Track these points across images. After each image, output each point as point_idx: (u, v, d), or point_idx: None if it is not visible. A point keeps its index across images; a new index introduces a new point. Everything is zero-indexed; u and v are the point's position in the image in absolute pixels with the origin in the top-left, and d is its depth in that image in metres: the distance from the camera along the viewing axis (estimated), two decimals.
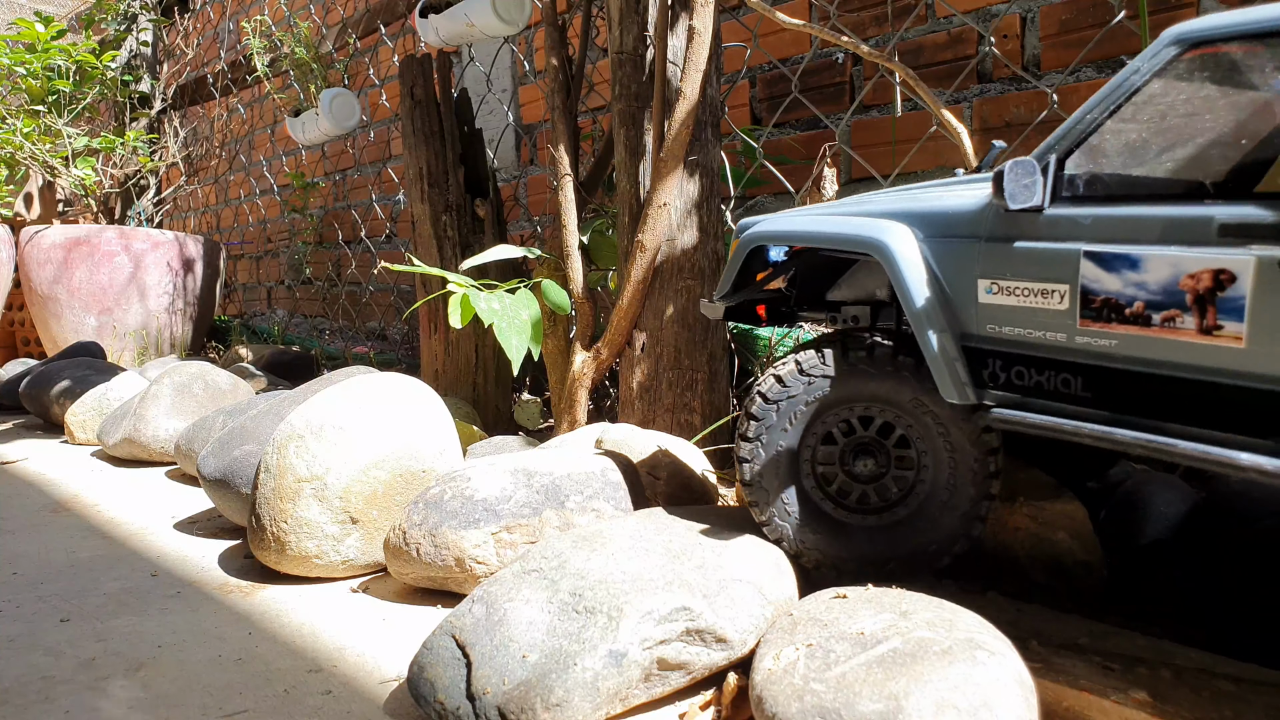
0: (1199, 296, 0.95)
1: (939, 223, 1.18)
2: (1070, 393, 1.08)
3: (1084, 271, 1.03)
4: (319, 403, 1.72)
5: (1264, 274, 0.90)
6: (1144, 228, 1.00)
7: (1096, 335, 1.04)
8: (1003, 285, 1.11)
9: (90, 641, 1.40)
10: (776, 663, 1.07)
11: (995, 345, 1.14)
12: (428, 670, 1.13)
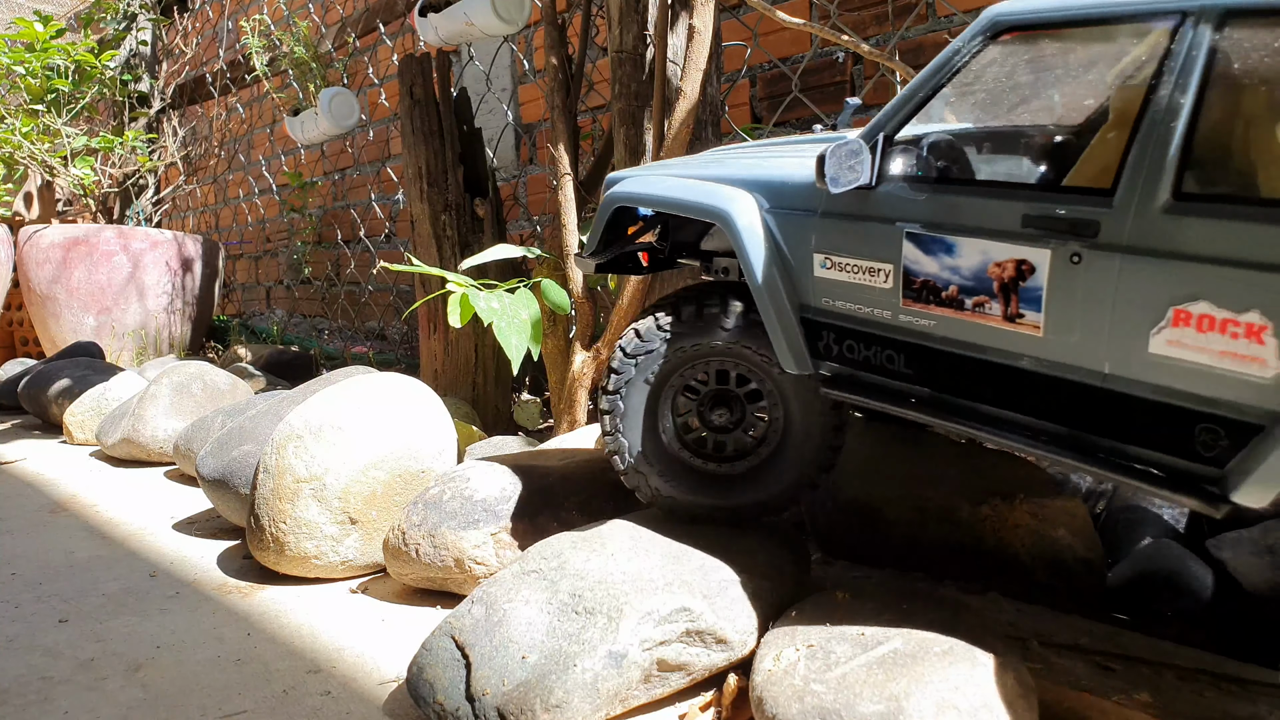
0: (1004, 285, 0.97)
1: (781, 193, 1.19)
2: (894, 369, 1.10)
3: (906, 252, 1.05)
4: (318, 403, 1.72)
5: (1061, 267, 0.92)
6: (959, 212, 1.01)
7: (917, 315, 1.06)
8: (835, 260, 1.13)
9: (89, 642, 1.40)
10: (777, 664, 1.07)
11: (829, 318, 1.16)
12: (427, 671, 1.13)
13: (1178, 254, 0.84)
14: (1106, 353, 0.91)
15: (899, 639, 1.05)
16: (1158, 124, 0.86)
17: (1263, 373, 0.81)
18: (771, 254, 1.18)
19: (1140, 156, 0.87)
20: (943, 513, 1.47)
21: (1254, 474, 0.82)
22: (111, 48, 5.20)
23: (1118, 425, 0.92)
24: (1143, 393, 0.89)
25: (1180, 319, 0.85)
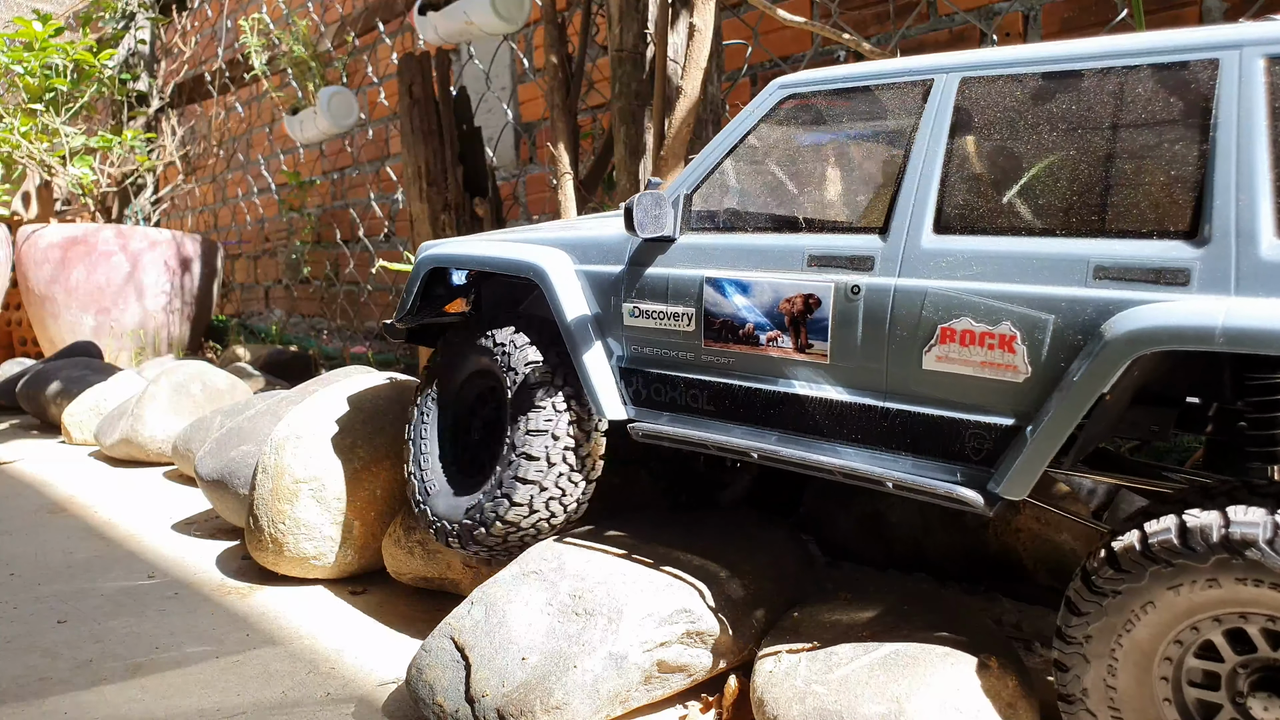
0: (794, 318, 1.08)
1: (591, 250, 1.28)
2: (698, 406, 1.19)
3: (706, 296, 1.15)
4: (316, 403, 1.71)
5: (842, 298, 1.03)
6: (752, 257, 1.12)
7: (718, 354, 1.16)
8: (642, 309, 1.22)
9: (88, 643, 1.39)
10: (778, 664, 1.07)
11: (639, 364, 1.24)
12: (426, 672, 1.12)
13: (941, 279, 0.96)
14: (886, 373, 1.01)
15: (901, 640, 1.05)
16: (918, 169, 1.00)
17: (1015, 377, 0.92)
18: (583, 306, 1.26)
19: (906, 197, 1.00)
20: (946, 517, 1.47)
21: (1015, 468, 0.92)
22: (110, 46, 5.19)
23: (900, 439, 1.01)
24: (919, 406, 1.00)
25: (946, 336, 0.96)
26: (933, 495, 0.98)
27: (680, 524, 1.41)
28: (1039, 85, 0.95)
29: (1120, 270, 0.87)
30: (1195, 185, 0.85)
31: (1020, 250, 0.92)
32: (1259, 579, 0.78)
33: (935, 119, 1.00)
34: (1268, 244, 0.81)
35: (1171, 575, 0.82)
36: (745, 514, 1.55)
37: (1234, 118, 0.84)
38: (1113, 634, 0.87)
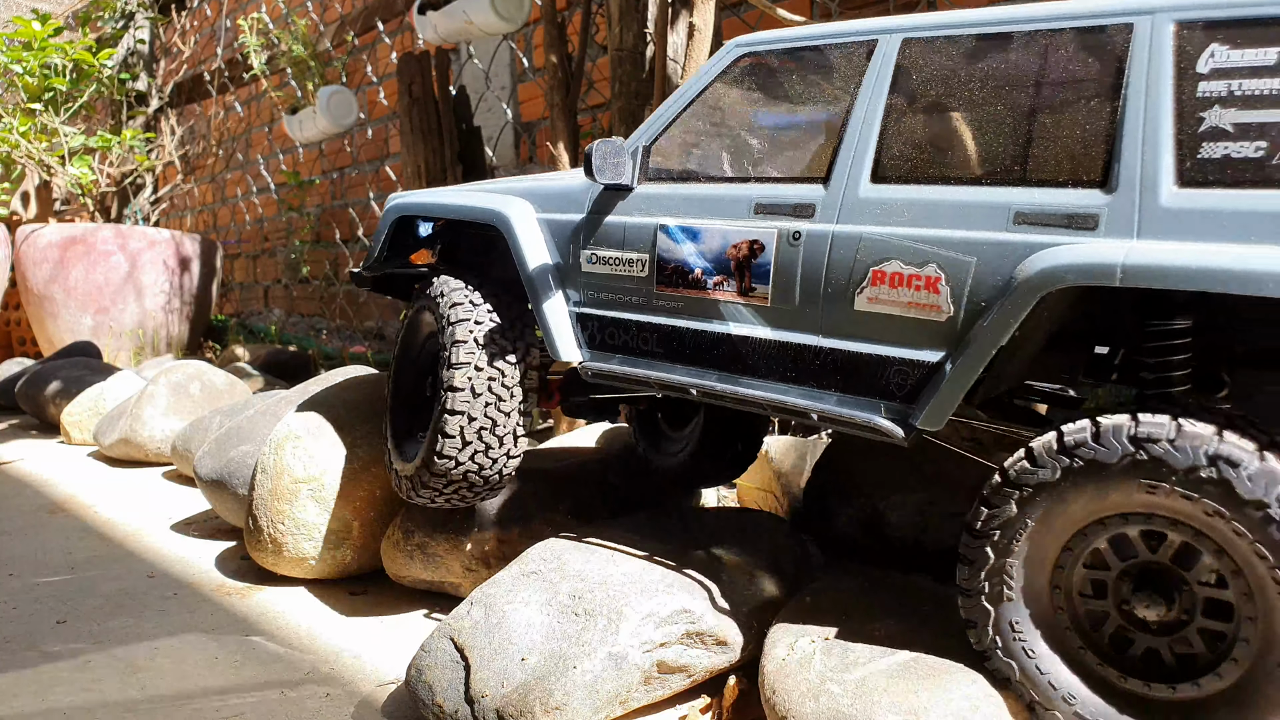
0: (739, 263, 1.14)
1: (553, 198, 1.33)
2: (648, 349, 1.24)
3: (659, 243, 1.21)
4: (316, 403, 1.71)
5: (784, 243, 1.10)
6: (704, 206, 1.18)
7: (669, 299, 1.21)
8: (600, 255, 1.27)
9: (87, 643, 1.39)
10: (791, 654, 1.05)
11: (595, 308, 1.29)
12: (426, 673, 1.12)
13: (876, 225, 1.03)
14: (821, 314, 1.08)
15: (921, 645, 1.03)
16: (859, 123, 1.07)
17: (939, 317, 0.99)
18: (544, 253, 1.32)
19: (848, 149, 1.08)
20: (946, 517, 1.46)
21: (932, 401, 0.99)
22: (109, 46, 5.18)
23: (831, 377, 1.08)
24: (849, 345, 1.06)
25: (877, 278, 1.03)
26: (853, 425, 1.04)
27: (680, 524, 1.41)
28: (973, 46, 1.02)
29: (1037, 216, 0.94)
30: (1107, 139, 0.92)
31: (948, 198, 1.00)
32: (1156, 482, 0.86)
33: (877, 76, 1.07)
34: (1167, 193, 0.88)
35: (1080, 475, 0.89)
36: (745, 514, 1.55)
37: (1144, 78, 0.90)
38: (1016, 532, 0.94)
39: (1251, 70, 0.86)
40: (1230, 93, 0.87)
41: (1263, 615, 0.84)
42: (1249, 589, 0.85)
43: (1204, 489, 0.84)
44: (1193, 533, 0.87)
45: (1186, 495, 0.85)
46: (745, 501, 1.91)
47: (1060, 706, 0.93)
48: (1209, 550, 0.87)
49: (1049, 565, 0.95)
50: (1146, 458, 0.86)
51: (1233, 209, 0.85)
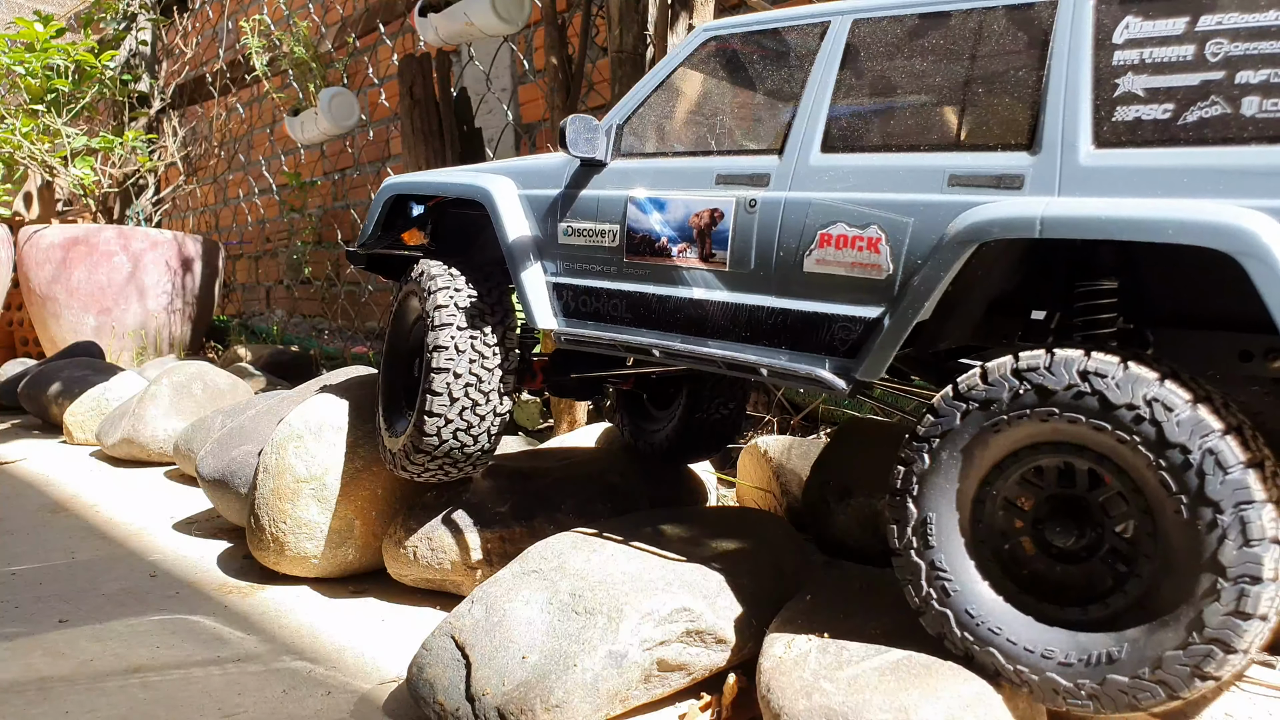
0: (701, 231, 1.21)
1: (534, 175, 1.42)
2: (618, 315, 1.31)
3: (629, 214, 1.29)
4: (318, 403, 1.72)
5: (742, 211, 1.17)
6: (670, 178, 1.26)
7: (637, 267, 1.29)
8: (575, 228, 1.35)
9: (89, 642, 1.39)
10: (788, 651, 1.06)
11: (570, 278, 1.36)
12: (427, 671, 1.13)
13: (824, 191, 1.11)
14: (773, 276, 1.15)
15: (914, 644, 1.04)
16: (812, 97, 1.16)
17: (879, 275, 1.06)
18: (524, 226, 1.40)
19: (800, 122, 1.16)
20: None
21: (871, 354, 1.06)
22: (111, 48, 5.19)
23: (782, 336, 1.15)
24: (800, 305, 1.13)
25: (825, 240, 1.10)
26: (797, 377, 1.12)
27: (680, 523, 1.42)
28: (915, 24, 1.10)
29: (969, 177, 1.02)
30: (1033, 105, 1.00)
31: (890, 164, 1.08)
32: (1082, 415, 0.91)
33: (829, 55, 1.16)
34: (1085, 153, 0.96)
35: (980, 415, 0.96)
36: (745, 513, 1.55)
37: (1066, 48, 0.98)
38: (933, 482, 1.00)
39: (1161, 39, 0.93)
40: (1142, 60, 0.94)
41: (1161, 535, 0.90)
42: (1149, 508, 0.91)
43: (1072, 415, 0.92)
44: (1096, 458, 0.94)
45: (1073, 420, 0.92)
46: (745, 501, 1.92)
47: (992, 640, 0.97)
48: (1112, 472, 0.93)
49: (968, 508, 1.00)
50: (1089, 390, 0.92)
51: (1141, 166, 0.92)
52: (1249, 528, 0.84)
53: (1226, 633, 0.85)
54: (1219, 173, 0.89)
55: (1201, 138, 0.90)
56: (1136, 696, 0.89)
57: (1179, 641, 0.87)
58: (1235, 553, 0.84)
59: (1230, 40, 0.90)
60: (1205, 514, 0.86)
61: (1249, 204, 0.86)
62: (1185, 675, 0.87)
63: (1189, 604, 0.87)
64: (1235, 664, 0.87)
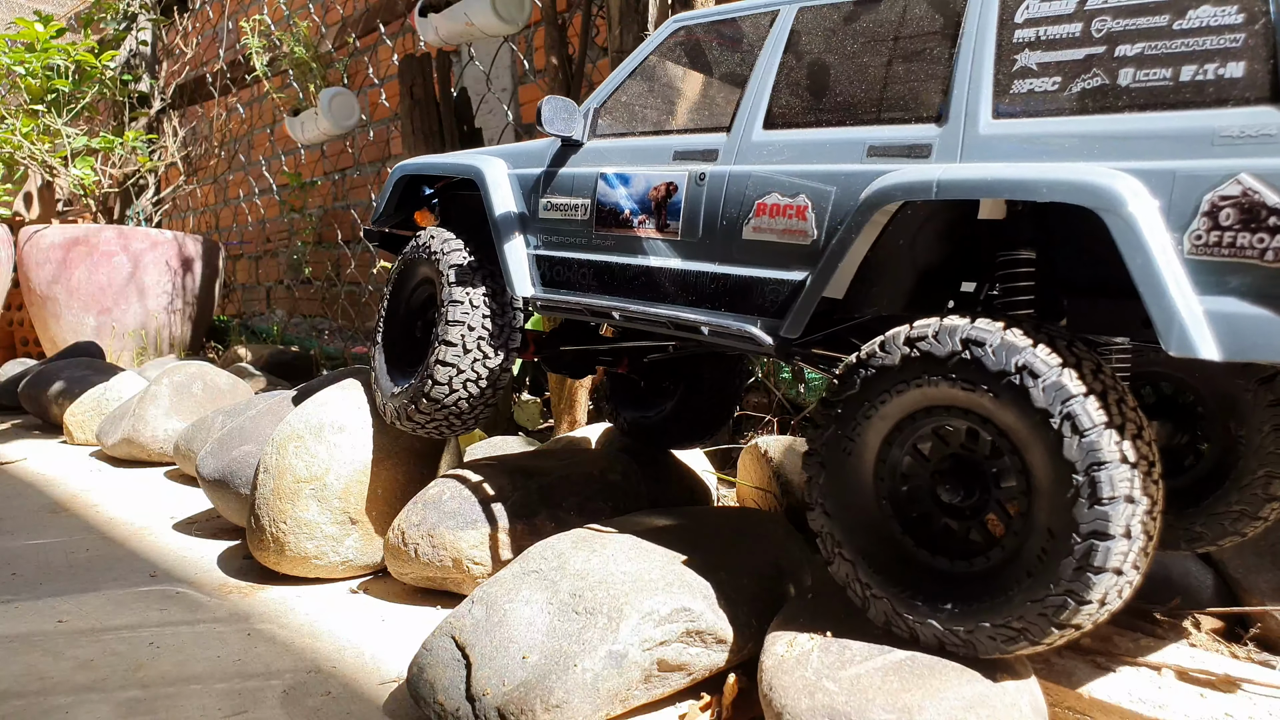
0: (658, 203, 1.31)
1: (522, 156, 1.54)
2: (587, 283, 1.41)
3: (599, 189, 1.39)
4: (318, 402, 1.72)
5: (692, 183, 1.27)
6: (635, 155, 1.37)
7: (604, 237, 1.39)
8: (553, 203, 1.46)
9: (89, 641, 1.39)
10: (790, 650, 1.06)
11: (548, 249, 1.47)
12: (427, 671, 1.13)
13: (763, 164, 1.20)
14: (718, 244, 1.24)
15: (918, 644, 1.04)
16: (758, 79, 1.25)
17: (805, 240, 1.15)
18: (510, 203, 1.51)
19: (747, 102, 1.26)
20: None
21: (793, 314, 1.15)
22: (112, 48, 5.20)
23: (723, 299, 1.24)
24: (738, 270, 1.22)
25: (761, 209, 1.19)
26: (731, 334, 1.22)
27: (680, 523, 1.42)
28: (850, 10, 1.20)
29: (885, 148, 1.10)
30: (944, 81, 1.08)
31: (819, 138, 1.17)
32: (963, 380, 0.97)
33: (776, 40, 1.25)
34: (985, 124, 1.04)
35: (878, 381, 1.02)
36: (745, 513, 1.55)
37: (975, 28, 1.06)
38: (839, 442, 1.07)
39: (1055, 18, 1.01)
40: (1037, 37, 1.02)
41: (1032, 494, 0.95)
42: (1029, 483, 0.96)
43: (954, 380, 0.98)
44: (980, 420, 0.99)
45: (955, 385, 0.99)
46: (745, 501, 1.92)
47: (886, 590, 1.05)
48: (994, 435, 0.99)
49: (872, 466, 1.07)
50: (919, 355, 0.99)
51: (1032, 134, 1.00)
52: (1099, 488, 0.89)
53: (1078, 585, 0.91)
54: (1097, 138, 0.96)
55: (1084, 107, 0.98)
56: (1003, 642, 0.96)
57: (1039, 593, 0.93)
58: (1086, 511, 0.90)
59: (1113, 17, 0.98)
60: (1063, 474, 0.92)
61: (1122, 166, 0.93)
62: (1044, 624, 0.93)
63: (1050, 558, 0.93)
64: (1090, 614, 0.92)
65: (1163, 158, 0.91)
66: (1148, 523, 0.92)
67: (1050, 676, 1.12)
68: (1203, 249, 0.88)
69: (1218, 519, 1.27)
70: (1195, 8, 0.93)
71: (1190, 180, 0.89)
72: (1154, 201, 0.91)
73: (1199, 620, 1.36)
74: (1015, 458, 0.97)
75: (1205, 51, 0.92)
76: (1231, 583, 1.40)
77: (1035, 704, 0.99)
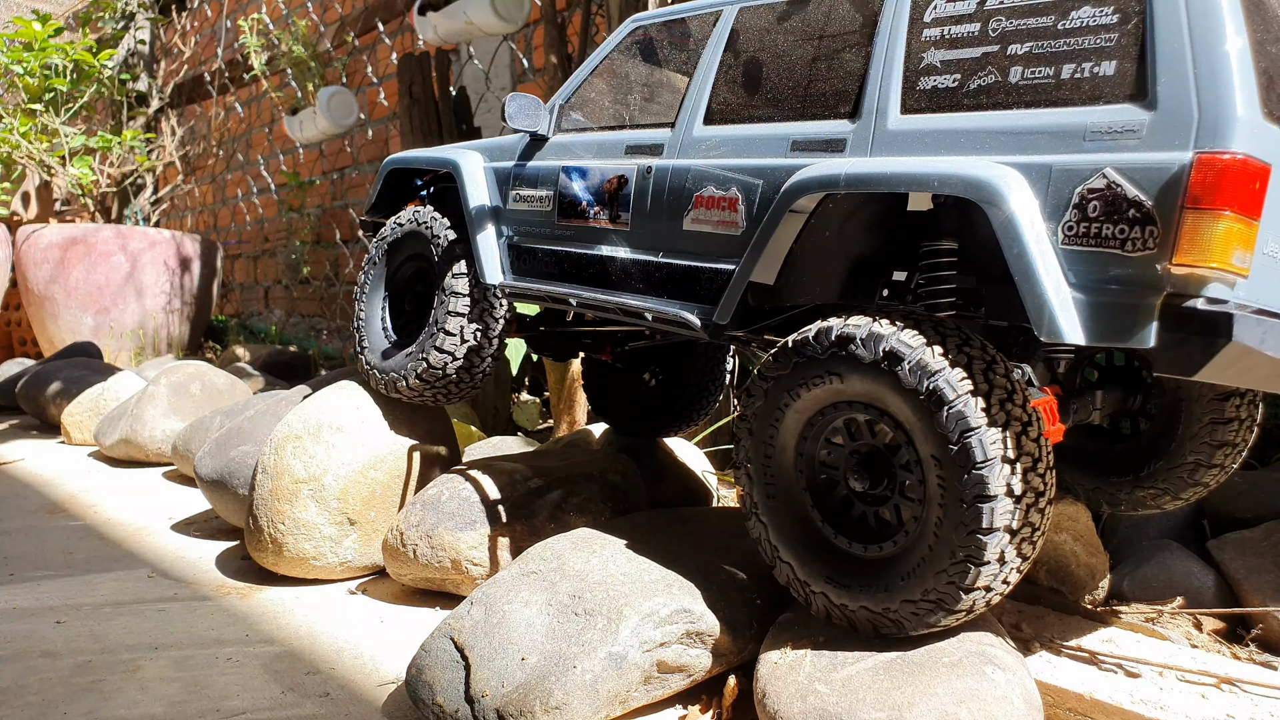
0: (611, 195, 1.37)
1: (496, 150, 1.60)
2: (550, 271, 1.47)
3: (560, 181, 1.45)
4: (316, 403, 1.71)
5: (640, 177, 1.33)
6: (593, 149, 1.42)
7: (565, 228, 1.45)
8: (521, 195, 1.52)
9: (87, 643, 1.39)
10: (784, 656, 1.06)
11: (517, 239, 1.53)
12: (426, 672, 1.12)
13: (701, 159, 1.26)
14: (662, 235, 1.30)
15: (908, 644, 1.04)
16: (701, 77, 1.31)
17: (735, 231, 1.21)
18: (484, 195, 1.57)
19: (690, 99, 1.31)
20: None
21: (723, 301, 1.20)
22: (109, 47, 5.19)
23: (666, 287, 1.30)
24: (677, 259, 1.28)
25: (699, 202, 1.25)
26: (669, 320, 1.27)
27: (680, 524, 1.41)
28: (784, 10, 1.24)
29: (806, 143, 1.16)
30: (860, 78, 1.13)
31: (750, 133, 1.22)
32: (844, 374, 1.02)
33: (718, 39, 1.30)
34: (893, 119, 1.08)
35: (815, 366, 1.05)
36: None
37: (889, 27, 1.10)
38: (772, 413, 1.11)
39: (958, 18, 1.05)
40: (942, 36, 1.06)
41: (925, 471, 1.00)
42: (919, 458, 1.01)
43: (841, 375, 1.03)
44: (878, 412, 1.04)
45: (843, 379, 1.04)
46: None
47: (795, 555, 1.11)
48: (890, 425, 1.03)
49: (792, 452, 1.12)
50: (846, 354, 1.03)
51: (933, 129, 1.04)
52: (973, 452, 0.94)
53: (972, 548, 0.95)
54: (990, 133, 1.00)
55: (978, 103, 1.02)
56: (925, 615, 1.01)
57: (943, 563, 0.98)
58: (966, 477, 0.94)
59: (1007, 17, 1.02)
60: (941, 446, 0.96)
61: (1010, 160, 0.97)
62: (954, 592, 0.98)
63: (944, 529, 0.97)
64: (992, 574, 0.97)
65: (1043, 152, 0.96)
66: (1034, 479, 0.96)
67: (1052, 677, 1.12)
68: (1074, 239, 0.93)
69: (1142, 491, 1.33)
70: (1078, 8, 0.97)
71: (1064, 174, 0.94)
72: (1033, 194, 0.95)
73: (1200, 621, 1.36)
74: (910, 447, 1.02)
75: (1084, 51, 0.96)
76: (1233, 583, 1.40)
77: (1028, 696, 0.99)
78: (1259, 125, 0.89)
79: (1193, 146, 0.88)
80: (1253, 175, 0.87)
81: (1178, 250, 0.87)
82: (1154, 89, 0.91)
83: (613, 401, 1.97)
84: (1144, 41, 0.92)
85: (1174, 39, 0.90)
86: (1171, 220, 0.87)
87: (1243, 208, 0.87)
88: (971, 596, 0.98)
